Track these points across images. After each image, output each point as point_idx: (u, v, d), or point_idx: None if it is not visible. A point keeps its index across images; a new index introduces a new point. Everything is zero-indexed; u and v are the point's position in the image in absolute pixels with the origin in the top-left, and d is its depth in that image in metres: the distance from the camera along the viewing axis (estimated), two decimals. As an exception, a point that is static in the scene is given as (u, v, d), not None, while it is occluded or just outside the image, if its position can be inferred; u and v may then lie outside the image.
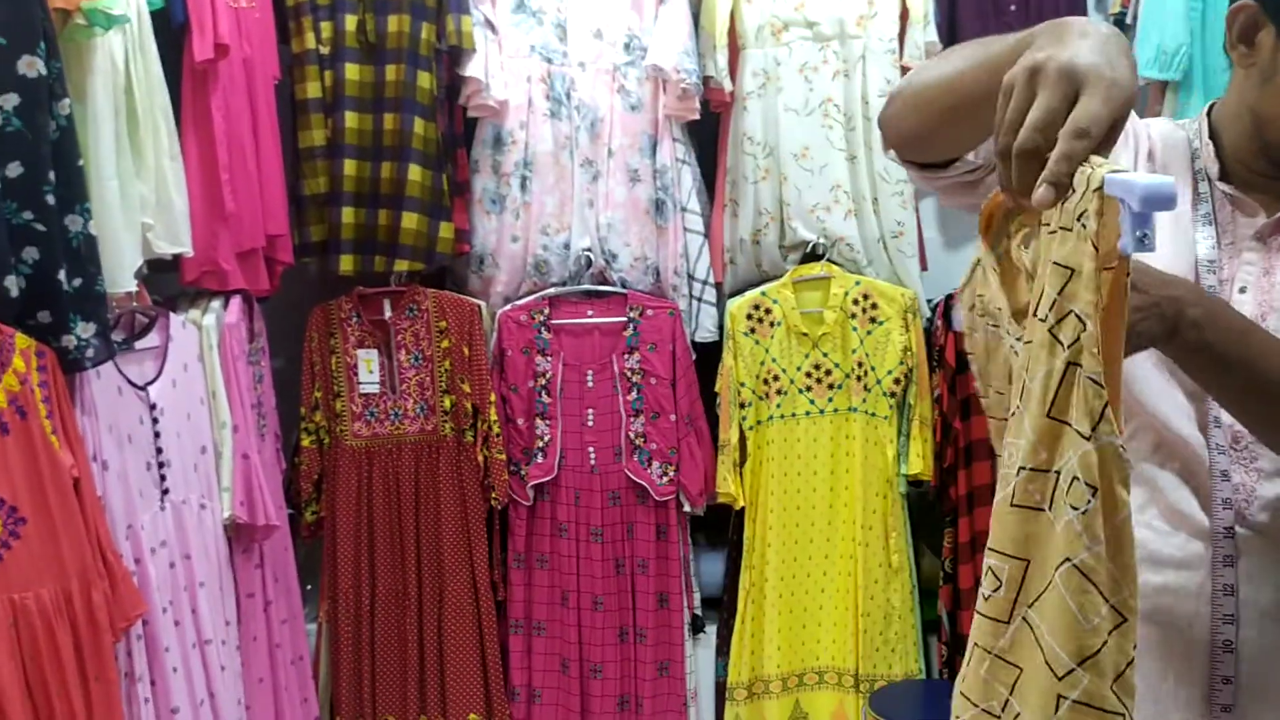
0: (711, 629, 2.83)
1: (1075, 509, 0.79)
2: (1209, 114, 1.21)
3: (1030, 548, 0.83)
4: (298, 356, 2.85)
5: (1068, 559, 0.79)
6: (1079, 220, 0.79)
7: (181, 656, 2.20)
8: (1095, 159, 0.78)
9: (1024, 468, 0.83)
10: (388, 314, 2.81)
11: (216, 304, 2.44)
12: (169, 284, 2.48)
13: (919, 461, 2.70)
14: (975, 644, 0.87)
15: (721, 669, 2.80)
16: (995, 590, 0.85)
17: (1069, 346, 0.80)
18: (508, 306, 2.82)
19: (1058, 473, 0.81)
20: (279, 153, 2.59)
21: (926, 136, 1.10)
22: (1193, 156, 1.20)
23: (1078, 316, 0.79)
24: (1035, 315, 0.84)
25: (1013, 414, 0.87)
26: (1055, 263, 0.81)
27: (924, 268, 2.86)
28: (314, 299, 2.84)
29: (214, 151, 2.35)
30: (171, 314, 2.33)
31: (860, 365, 2.74)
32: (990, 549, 0.85)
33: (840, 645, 2.74)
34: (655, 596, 2.76)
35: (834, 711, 2.75)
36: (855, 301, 2.74)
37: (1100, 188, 0.77)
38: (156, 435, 2.20)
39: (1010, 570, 0.84)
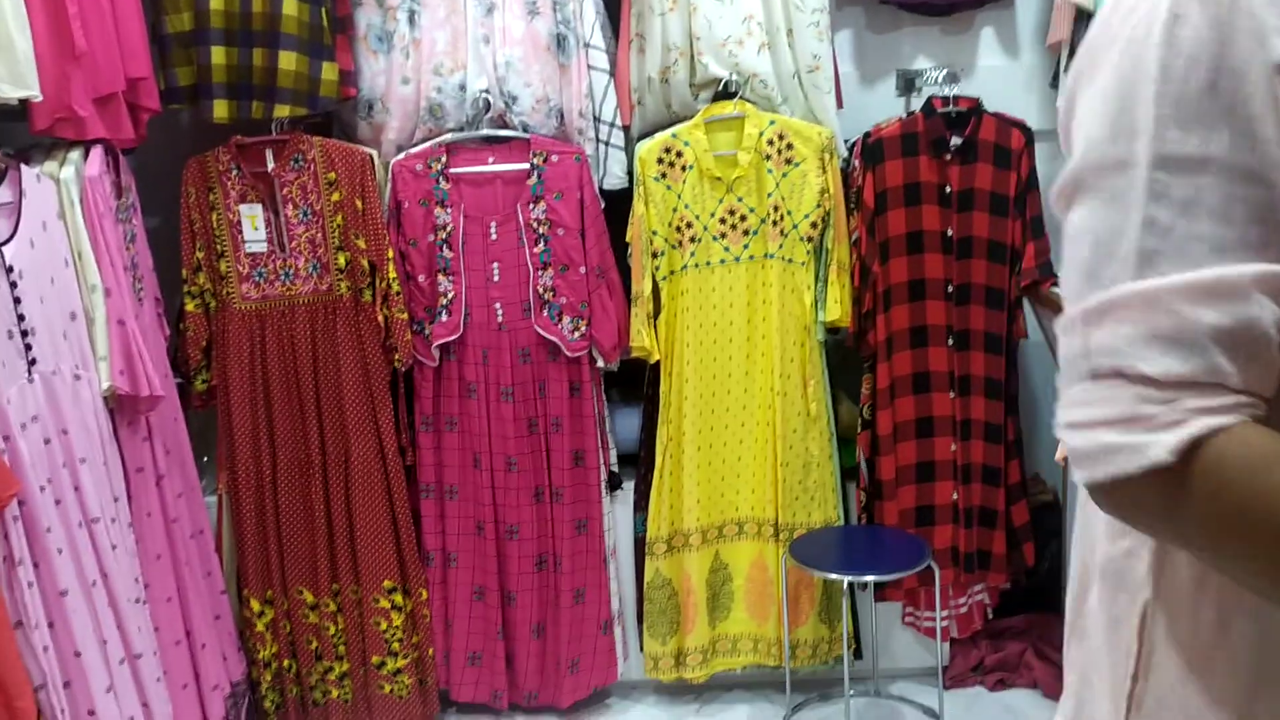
0: (628, 485, 2.78)
1: None
2: None
3: None
4: (174, 214, 2.64)
5: None
6: None
7: (66, 537, 2.06)
8: None
9: None
10: (270, 166, 2.60)
11: (75, 155, 2.21)
12: (19, 134, 2.24)
13: (837, 308, 2.63)
14: None
15: (640, 525, 2.76)
16: None
17: None
18: (401, 155, 2.63)
19: None
20: (134, -16, 2.33)
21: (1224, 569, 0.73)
22: None
23: None
24: None
25: None
26: None
27: (839, 105, 2.73)
28: (187, 150, 2.61)
29: (58, -17, 2.09)
30: (24, 166, 2.09)
31: (776, 209, 2.63)
32: None
33: (759, 496, 2.71)
34: (570, 455, 2.68)
35: (753, 561, 2.74)
36: (770, 142, 2.62)
37: None
38: (17, 301, 2.00)
39: None
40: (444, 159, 2.61)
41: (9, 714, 1.84)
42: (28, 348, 2.03)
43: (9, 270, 2.00)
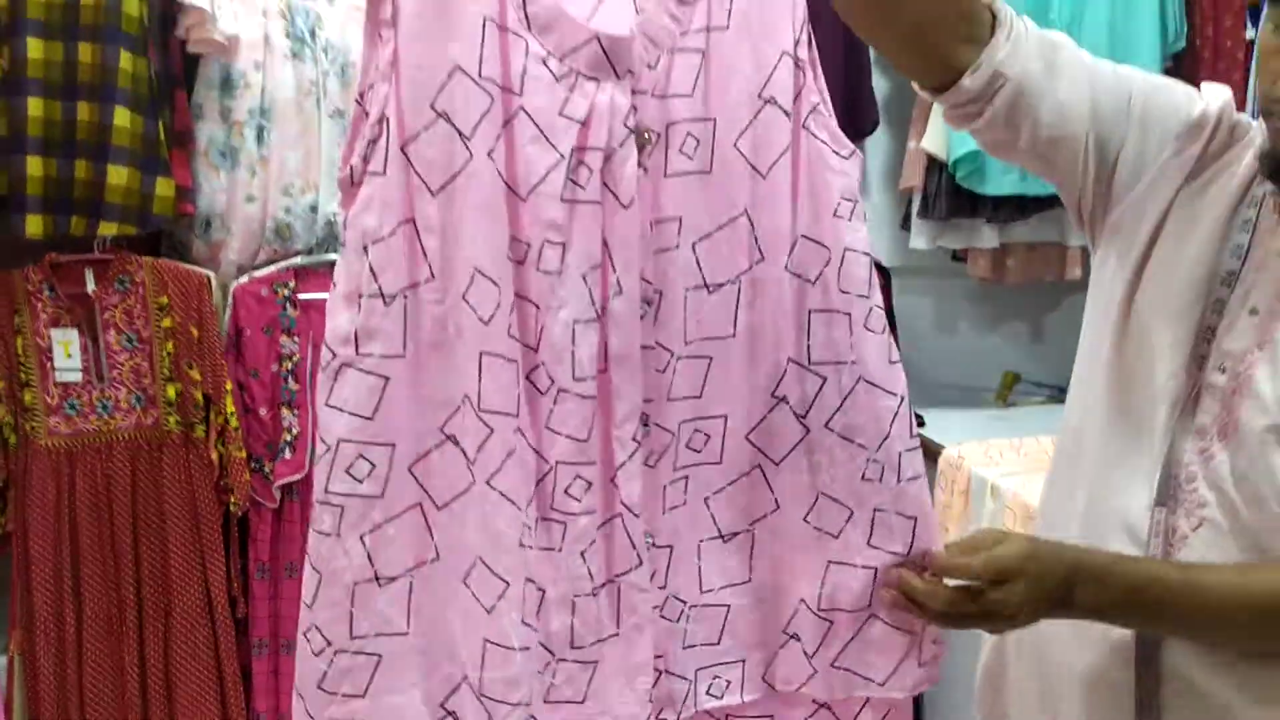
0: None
1: None
2: None
3: None
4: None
5: None
6: None
7: None
8: None
9: None
10: (91, 287, 2.34)
11: None
12: None
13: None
14: None
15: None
16: None
17: None
18: (244, 278, 2.42)
19: None
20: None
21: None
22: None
23: None
24: None
25: None
26: None
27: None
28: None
29: None
30: None
31: None
32: None
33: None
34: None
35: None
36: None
37: None
38: None
39: None
40: (292, 284, 2.42)
41: None
42: None
43: None
